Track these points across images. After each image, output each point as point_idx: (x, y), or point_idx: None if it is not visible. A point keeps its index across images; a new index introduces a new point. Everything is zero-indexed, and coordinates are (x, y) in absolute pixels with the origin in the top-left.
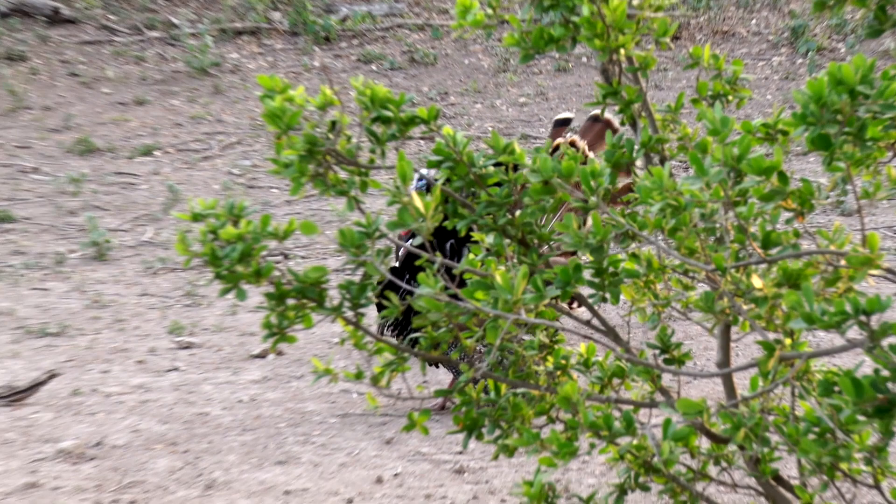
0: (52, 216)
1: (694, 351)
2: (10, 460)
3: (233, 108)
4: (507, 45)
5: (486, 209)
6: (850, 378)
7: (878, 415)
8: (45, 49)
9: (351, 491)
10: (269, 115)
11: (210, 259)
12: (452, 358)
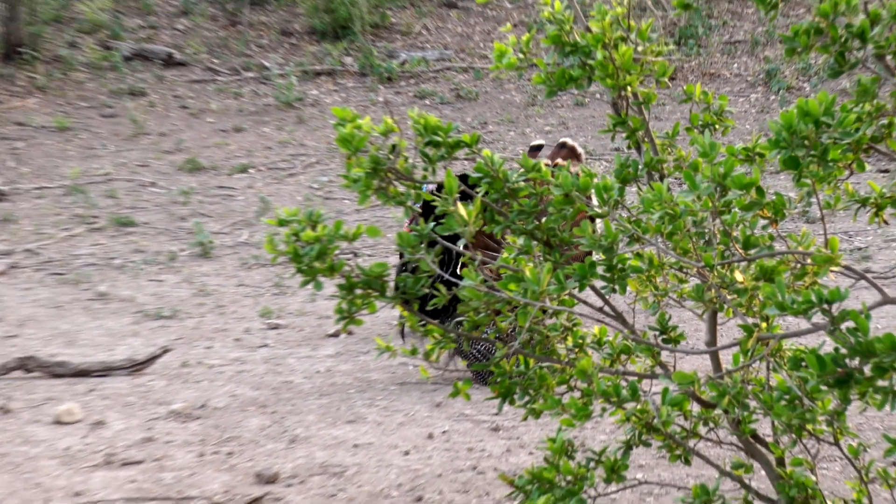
0: (166, 221)
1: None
2: (130, 419)
3: (313, 135)
4: (535, 83)
5: (517, 216)
6: (814, 355)
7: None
8: (161, 86)
9: (408, 444)
10: (341, 139)
11: (293, 257)
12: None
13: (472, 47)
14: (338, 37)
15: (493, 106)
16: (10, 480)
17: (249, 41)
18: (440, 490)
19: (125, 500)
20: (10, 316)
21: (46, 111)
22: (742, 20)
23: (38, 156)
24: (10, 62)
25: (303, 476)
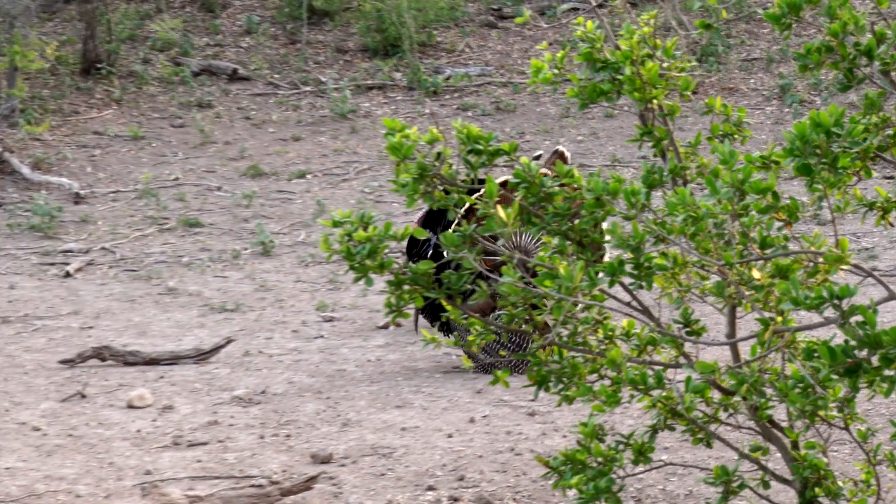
0: (230, 222)
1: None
2: (196, 404)
3: (365, 144)
4: (568, 96)
5: (552, 218)
6: (826, 347)
7: (848, 374)
8: (226, 99)
9: (451, 428)
10: (391, 148)
11: (346, 255)
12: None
13: (510, 64)
14: (388, 54)
15: (530, 117)
16: (86, 460)
17: (307, 58)
18: (481, 470)
19: (191, 479)
20: (86, 309)
21: (121, 122)
22: (758, 39)
23: (113, 162)
24: (88, 77)
25: (354, 457)
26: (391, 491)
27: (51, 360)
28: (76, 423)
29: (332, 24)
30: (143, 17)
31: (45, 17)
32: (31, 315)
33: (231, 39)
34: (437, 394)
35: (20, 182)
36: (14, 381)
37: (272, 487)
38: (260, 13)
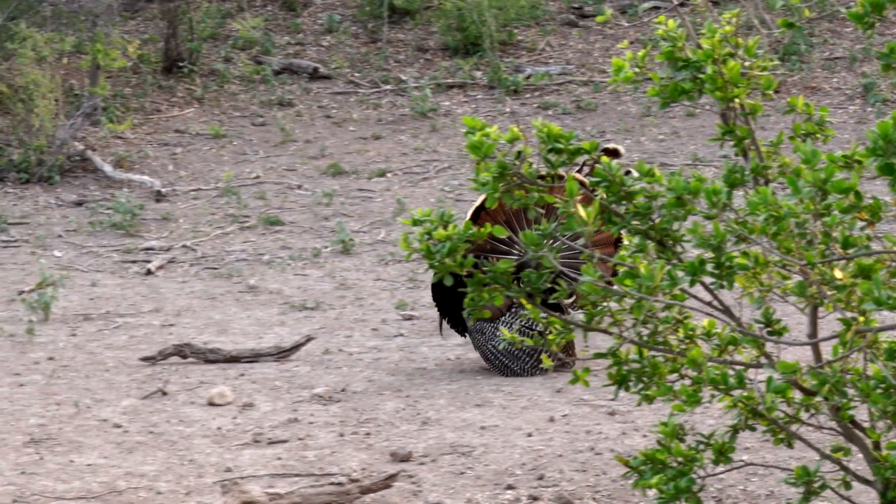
0: (310, 221)
1: (790, 325)
2: (277, 402)
3: (445, 142)
4: (650, 95)
5: (633, 217)
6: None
7: None
8: (307, 98)
9: (531, 427)
10: (471, 146)
11: (426, 253)
12: (609, 329)
13: (591, 62)
14: (469, 53)
15: (611, 116)
16: (167, 457)
17: (388, 57)
18: (560, 469)
19: (271, 476)
20: (168, 307)
21: (203, 120)
22: (841, 38)
23: (194, 160)
24: (170, 75)
25: (434, 455)
26: (470, 490)
27: (132, 358)
28: (157, 420)
29: (413, 23)
30: (225, 15)
31: (128, 16)
32: (112, 312)
33: (312, 38)
34: (516, 393)
35: (102, 180)
36: (96, 379)
37: (352, 485)
38: (341, 12)
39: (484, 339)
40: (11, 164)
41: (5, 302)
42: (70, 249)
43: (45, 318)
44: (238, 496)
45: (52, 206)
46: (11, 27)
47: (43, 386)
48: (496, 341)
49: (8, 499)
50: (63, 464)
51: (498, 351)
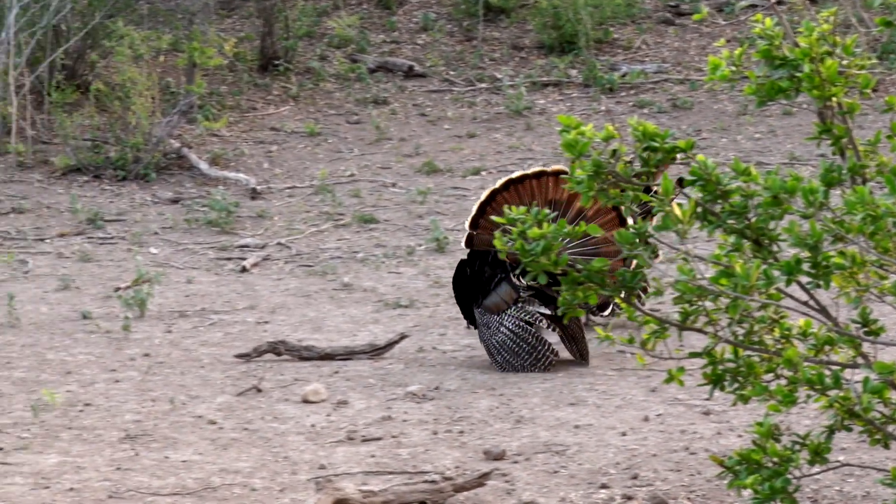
0: (404, 219)
1: (887, 325)
2: (371, 399)
3: (539, 141)
4: (746, 93)
5: (728, 216)
6: None
7: None
8: (401, 96)
9: (625, 426)
10: (566, 145)
11: (521, 252)
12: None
13: (687, 61)
14: (564, 51)
15: (707, 115)
16: (261, 454)
17: (483, 55)
18: (655, 469)
19: (365, 474)
20: (262, 304)
21: (298, 118)
22: None
23: (289, 158)
24: (266, 73)
25: (528, 454)
26: (564, 488)
27: (227, 355)
28: (251, 417)
29: (508, 21)
30: (321, 13)
31: (224, 14)
32: (207, 309)
33: (407, 36)
34: (610, 392)
35: (198, 178)
36: (191, 375)
37: (445, 483)
38: (436, 10)
39: (489, 333)
40: (108, 161)
41: (101, 298)
42: (166, 246)
43: (141, 315)
44: (332, 493)
45: (148, 204)
46: (109, 25)
47: (138, 382)
48: (499, 335)
49: (103, 494)
50: (158, 460)
51: (500, 345)
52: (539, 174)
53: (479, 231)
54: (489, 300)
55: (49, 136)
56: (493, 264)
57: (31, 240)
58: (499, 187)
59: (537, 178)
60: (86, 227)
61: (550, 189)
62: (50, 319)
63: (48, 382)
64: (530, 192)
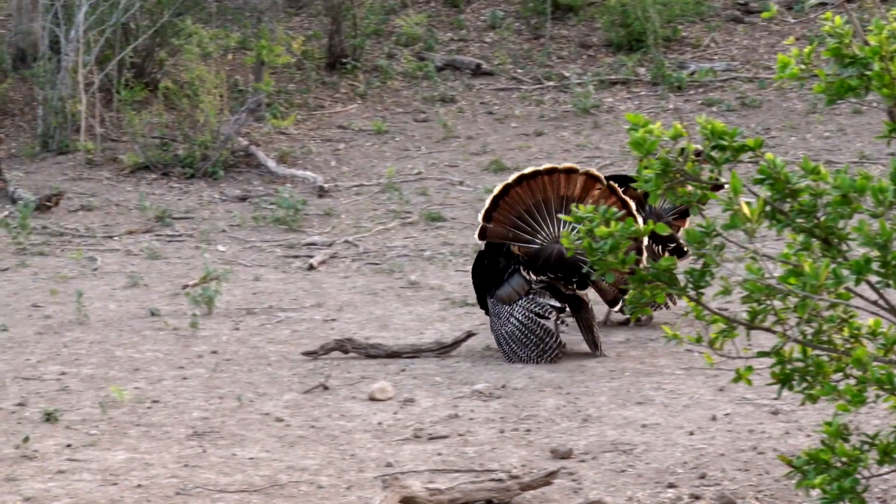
0: (472, 217)
1: None
2: (437, 397)
3: (607, 139)
4: (815, 92)
5: (797, 215)
6: None
7: None
8: (469, 94)
9: (692, 426)
10: (634, 143)
11: (588, 250)
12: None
13: (756, 59)
14: (632, 49)
15: (776, 113)
16: (328, 451)
17: (551, 53)
18: (722, 468)
19: (431, 472)
20: (329, 302)
21: (365, 116)
22: None
23: (357, 156)
24: (334, 72)
25: (595, 453)
26: (631, 488)
27: (294, 352)
28: (318, 414)
29: (576, 19)
30: (388, 12)
31: (292, 12)
32: (275, 307)
33: (475, 34)
34: (678, 391)
35: (266, 175)
36: (258, 373)
37: (512, 482)
38: (504, 8)
39: (499, 323)
40: (177, 159)
41: (170, 296)
42: (233, 244)
43: (209, 312)
44: (398, 491)
45: (216, 201)
46: (178, 23)
47: (206, 379)
48: (509, 326)
49: (171, 491)
50: (225, 457)
51: (509, 336)
52: (551, 171)
53: (492, 224)
54: (501, 290)
55: (118, 133)
56: (508, 256)
57: (100, 237)
58: (512, 182)
59: (549, 174)
60: (154, 225)
61: (562, 185)
62: (118, 316)
63: (116, 379)
64: (542, 188)
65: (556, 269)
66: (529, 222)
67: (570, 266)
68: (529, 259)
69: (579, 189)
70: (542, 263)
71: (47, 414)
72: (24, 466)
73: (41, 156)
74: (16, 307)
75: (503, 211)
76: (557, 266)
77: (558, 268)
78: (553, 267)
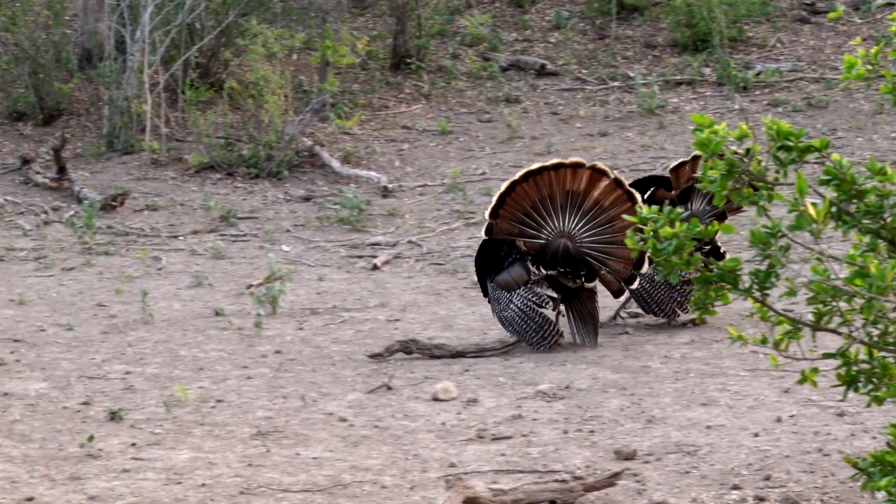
0: None
1: None
2: (501, 398)
3: (672, 140)
4: (882, 92)
5: (864, 216)
6: None
7: None
8: (533, 94)
9: (757, 427)
10: (699, 143)
11: (652, 251)
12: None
13: (822, 59)
14: (697, 49)
15: (842, 114)
16: (391, 451)
17: (616, 53)
18: (787, 470)
19: (495, 472)
20: (393, 302)
21: (429, 116)
22: None
23: (421, 157)
24: (398, 72)
25: (659, 454)
26: (695, 489)
27: (358, 352)
28: (382, 414)
29: (642, 19)
30: (453, 12)
31: (357, 13)
32: (338, 307)
33: (539, 35)
34: (742, 392)
35: (330, 175)
36: (322, 372)
37: (575, 483)
38: (569, 8)
39: (499, 307)
40: (241, 159)
41: (234, 296)
42: (297, 244)
43: (273, 312)
44: (462, 491)
45: (280, 201)
46: (243, 23)
47: (270, 379)
48: (508, 312)
49: (235, 490)
50: (289, 456)
51: (509, 321)
52: (557, 166)
53: (498, 220)
54: (500, 277)
55: (182, 133)
56: (511, 244)
57: (165, 237)
58: (518, 178)
59: (555, 169)
60: (218, 225)
61: (568, 180)
62: (183, 316)
63: (181, 378)
64: (549, 183)
65: (564, 264)
66: (535, 218)
67: (577, 260)
68: (536, 254)
69: (585, 183)
70: (550, 258)
71: (112, 413)
72: (89, 465)
73: (107, 155)
74: (81, 306)
75: (509, 207)
76: (565, 260)
77: (566, 262)
78: (561, 261)
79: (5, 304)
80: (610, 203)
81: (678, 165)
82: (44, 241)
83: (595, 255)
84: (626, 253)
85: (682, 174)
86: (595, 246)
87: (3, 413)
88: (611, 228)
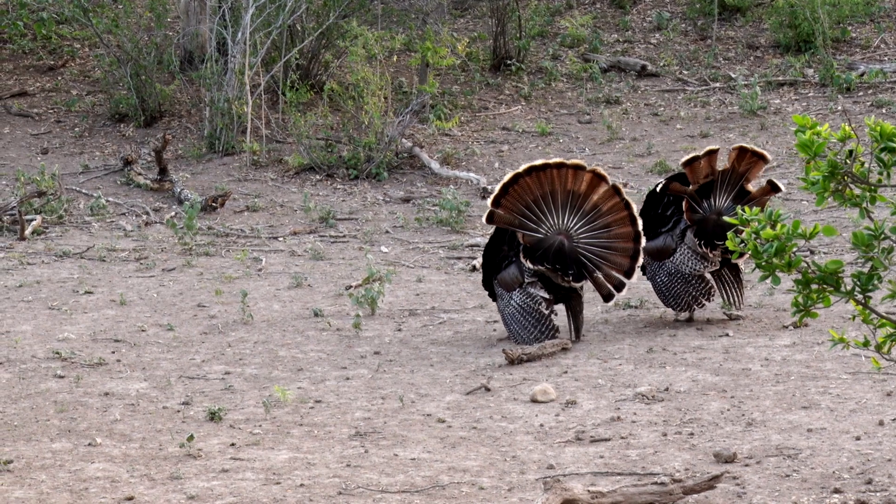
0: None
1: None
2: (599, 400)
3: (774, 141)
4: None
5: None
6: None
7: None
8: (634, 95)
9: (859, 430)
10: (801, 145)
11: (753, 253)
12: None
13: None
14: (800, 50)
15: None
16: (490, 453)
17: (717, 54)
18: (890, 474)
19: (593, 474)
20: (491, 303)
21: (529, 118)
22: None
23: (520, 158)
24: (498, 73)
25: (759, 457)
26: (796, 492)
27: (456, 353)
28: (480, 416)
29: (744, 20)
30: (554, 13)
31: (457, 14)
32: (437, 308)
33: (640, 36)
34: (844, 395)
35: (429, 177)
36: (420, 374)
37: (674, 485)
38: (670, 9)
39: (503, 304)
40: (341, 160)
41: (333, 297)
42: (396, 245)
43: (372, 313)
44: (560, 493)
45: (379, 203)
46: (343, 25)
47: (369, 380)
48: (509, 309)
49: (333, 491)
50: (387, 457)
51: (511, 318)
52: (560, 165)
53: (500, 209)
54: (500, 276)
55: (283, 135)
56: (511, 244)
57: (265, 238)
58: (522, 171)
59: (558, 168)
60: (318, 226)
61: (569, 180)
62: (282, 317)
63: (280, 379)
64: (551, 180)
65: (555, 260)
66: (536, 212)
67: (569, 258)
68: (531, 247)
69: (585, 186)
70: (542, 253)
71: (211, 413)
72: (189, 465)
73: (207, 157)
74: (181, 307)
75: (511, 198)
76: (556, 257)
77: (557, 259)
78: (552, 257)
79: (107, 305)
80: (608, 209)
81: (691, 160)
82: (145, 241)
83: (589, 256)
84: (619, 259)
85: (697, 169)
86: (590, 248)
87: (104, 413)
88: (607, 233)
